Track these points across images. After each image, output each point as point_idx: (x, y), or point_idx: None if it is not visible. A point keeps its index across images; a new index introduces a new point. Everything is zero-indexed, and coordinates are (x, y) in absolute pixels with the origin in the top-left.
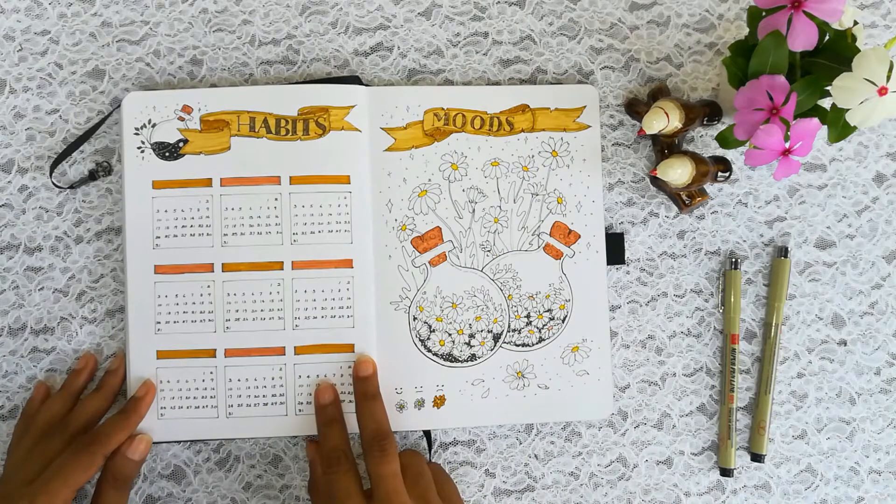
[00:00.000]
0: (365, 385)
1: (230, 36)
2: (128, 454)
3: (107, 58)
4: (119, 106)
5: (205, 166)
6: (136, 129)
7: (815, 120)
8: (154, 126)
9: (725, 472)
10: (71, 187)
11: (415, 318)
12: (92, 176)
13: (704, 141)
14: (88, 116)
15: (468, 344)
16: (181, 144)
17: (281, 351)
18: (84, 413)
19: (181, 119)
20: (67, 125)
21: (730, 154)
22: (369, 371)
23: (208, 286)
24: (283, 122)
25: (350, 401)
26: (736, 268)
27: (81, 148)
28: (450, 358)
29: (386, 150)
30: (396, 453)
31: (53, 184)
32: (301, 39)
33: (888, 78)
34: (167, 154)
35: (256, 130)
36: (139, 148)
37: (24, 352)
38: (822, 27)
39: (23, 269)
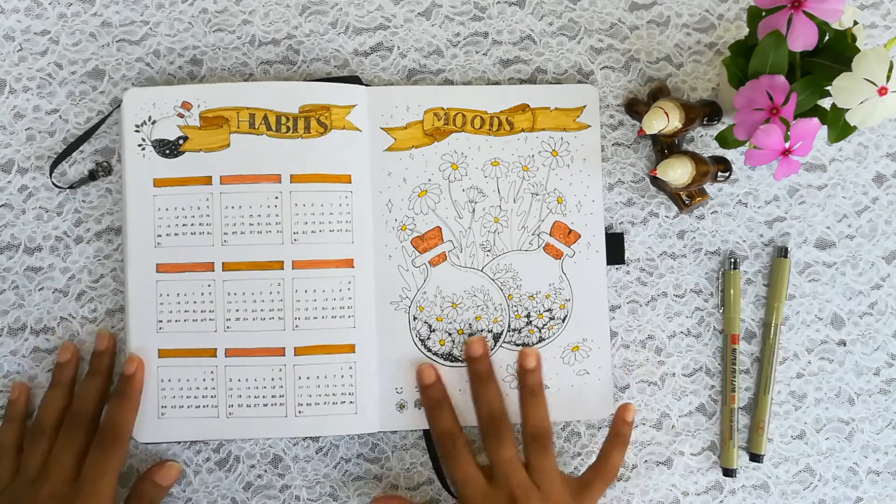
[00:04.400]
0: (476, 366)
1: (230, 36)
2: (157, 479)
3: (107, 58)
4: (119, 106)
5: (204, 164)
6: (137, 126)
7: (815, 120)
8: (154, 123)
9: (728, 473)
10: (71, 187)
11: (415, 318)
12: (92, 176)
13: (704, 141)
14: (88, 116)
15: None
16: (181, 141)
17: (281, 352)
18: (88, 399)
19: (181, 116)
20: (67, 125)
21: (730, 154)
22: (478, 351)
23: (209, 285)
24: (283, 120)
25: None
26: (735, 268)
27: (81, 148)
28: (450, 357)
29: (386, 149)
30: (512, 437)
31: (53, 184)
32: (301, 39)
33: (888, 78)
34: (167, 151)
35: (256, 127)
36: (140, 145)
37: (25, 352)
38: (822, 27)
39: (23, 269)
